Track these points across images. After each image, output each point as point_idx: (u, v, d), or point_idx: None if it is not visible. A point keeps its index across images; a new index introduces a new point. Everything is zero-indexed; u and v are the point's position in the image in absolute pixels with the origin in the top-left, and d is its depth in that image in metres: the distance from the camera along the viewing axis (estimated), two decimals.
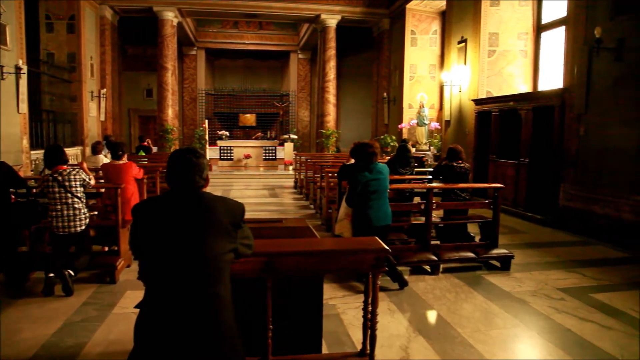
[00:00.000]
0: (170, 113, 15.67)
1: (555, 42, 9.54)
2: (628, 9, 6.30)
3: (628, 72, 6.37)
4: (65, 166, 4.44)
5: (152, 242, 1.84)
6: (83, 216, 4.43)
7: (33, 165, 9.34)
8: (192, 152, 1.99)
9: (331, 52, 16.47)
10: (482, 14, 10.11)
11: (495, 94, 10.12)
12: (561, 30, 8.66)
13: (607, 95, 6.76)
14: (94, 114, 14.00)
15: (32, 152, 9.59)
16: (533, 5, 10.01)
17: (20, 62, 8.82)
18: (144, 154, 12.55)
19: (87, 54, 13.24)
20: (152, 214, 1.89)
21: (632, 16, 6.26)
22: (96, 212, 5.48)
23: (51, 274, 4.32)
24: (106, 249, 5.48)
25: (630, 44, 6.31)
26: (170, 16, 15.39)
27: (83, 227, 4.43)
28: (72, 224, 4.35)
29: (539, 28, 10.03)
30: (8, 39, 8.50)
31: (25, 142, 9.16)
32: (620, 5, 6.43)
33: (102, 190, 5.43)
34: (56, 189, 4.29)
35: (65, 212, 4.32)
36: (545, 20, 9.91)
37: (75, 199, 4.36)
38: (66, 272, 4.27)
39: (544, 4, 9.91)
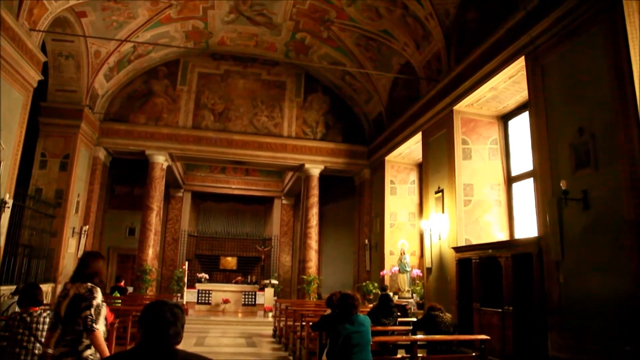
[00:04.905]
0: (151, 253, 15.46)
1: (526, 192, 10.10)
2: (586, 164, 6.86)
3: (596, 221, 6.67)
4: (37, 307, 4.24)
5: None
6: None
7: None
8: (169, 308, 1.94)
9: (314, 199, 17.05)
10: (456, 166, 10.80)
11: (474, 242, 10.33)
12: (530, 182, 9.24)
13: (580, 243, 6.96)
14: (72, 251, 13.74)
15: (2, 287, 9.18)
16: (502, 160, 10.82)
17: (7, 196, 8.92)
18: (118, 295, 12.08)
19: (75, 191, 13.50)
20: None
21: (591, 171, 6.77)
22: None
23: None
24: None
25: (594, 194, 6.73)
26: (161, 160, 16.10)
27: None
28: None
29: (510, 179, 10.71)
30: (1, 175, 8.71)
31: None
32: (579, 162, 7.00)
33: None
34: (20, 331, 4.00)
35: (22, 358, 3.97)
36: (514, 172, 10.64)
37: (38, 345, 4.02)
38: None
39: (512, 158, 10.75)
